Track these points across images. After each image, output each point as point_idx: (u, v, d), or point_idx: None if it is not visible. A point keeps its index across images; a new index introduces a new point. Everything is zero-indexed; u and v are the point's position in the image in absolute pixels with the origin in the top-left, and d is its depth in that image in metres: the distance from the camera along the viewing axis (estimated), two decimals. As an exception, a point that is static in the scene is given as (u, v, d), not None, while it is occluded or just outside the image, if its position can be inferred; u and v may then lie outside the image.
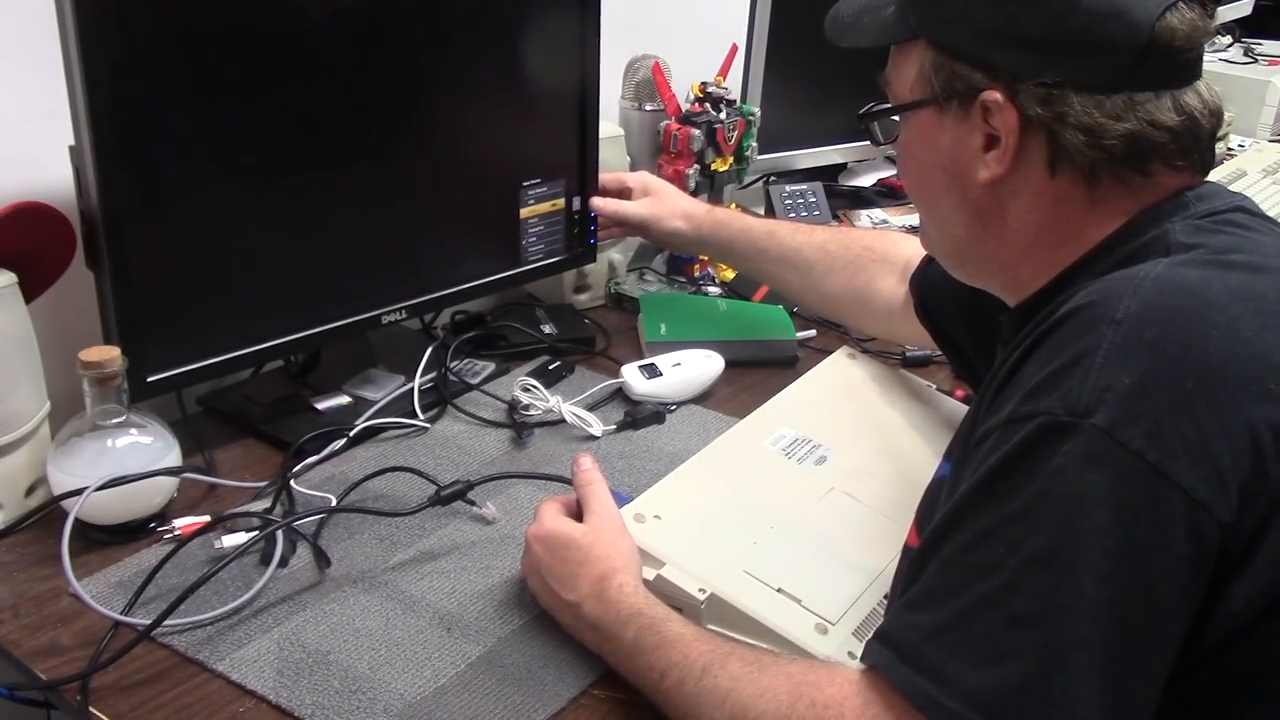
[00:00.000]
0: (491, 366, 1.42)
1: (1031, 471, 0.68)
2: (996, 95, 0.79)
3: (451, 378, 1.38)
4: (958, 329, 1.16)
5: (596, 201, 1.46)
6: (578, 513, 0.99)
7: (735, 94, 1.68)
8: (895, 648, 0.71)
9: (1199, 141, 0.80)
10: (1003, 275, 0.89)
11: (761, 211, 1.82)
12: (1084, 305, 0.72)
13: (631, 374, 1.36)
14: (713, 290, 1.66)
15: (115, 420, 1.06)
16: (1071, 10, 0.76)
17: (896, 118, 0.90)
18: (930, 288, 1.19)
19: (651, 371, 1.36)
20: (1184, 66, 0.79)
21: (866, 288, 1.31)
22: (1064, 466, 0.66)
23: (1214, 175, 0.86)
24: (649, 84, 1.64)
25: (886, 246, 1.31)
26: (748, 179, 1.78)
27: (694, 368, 1.37)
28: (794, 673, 0.76)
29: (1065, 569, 0.65)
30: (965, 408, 1.30)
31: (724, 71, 1.67)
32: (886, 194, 1.93)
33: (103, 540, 1.06)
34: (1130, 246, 0.79)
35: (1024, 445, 0.69)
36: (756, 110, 1.68)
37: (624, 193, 1.49)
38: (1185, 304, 0.70)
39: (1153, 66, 0.77)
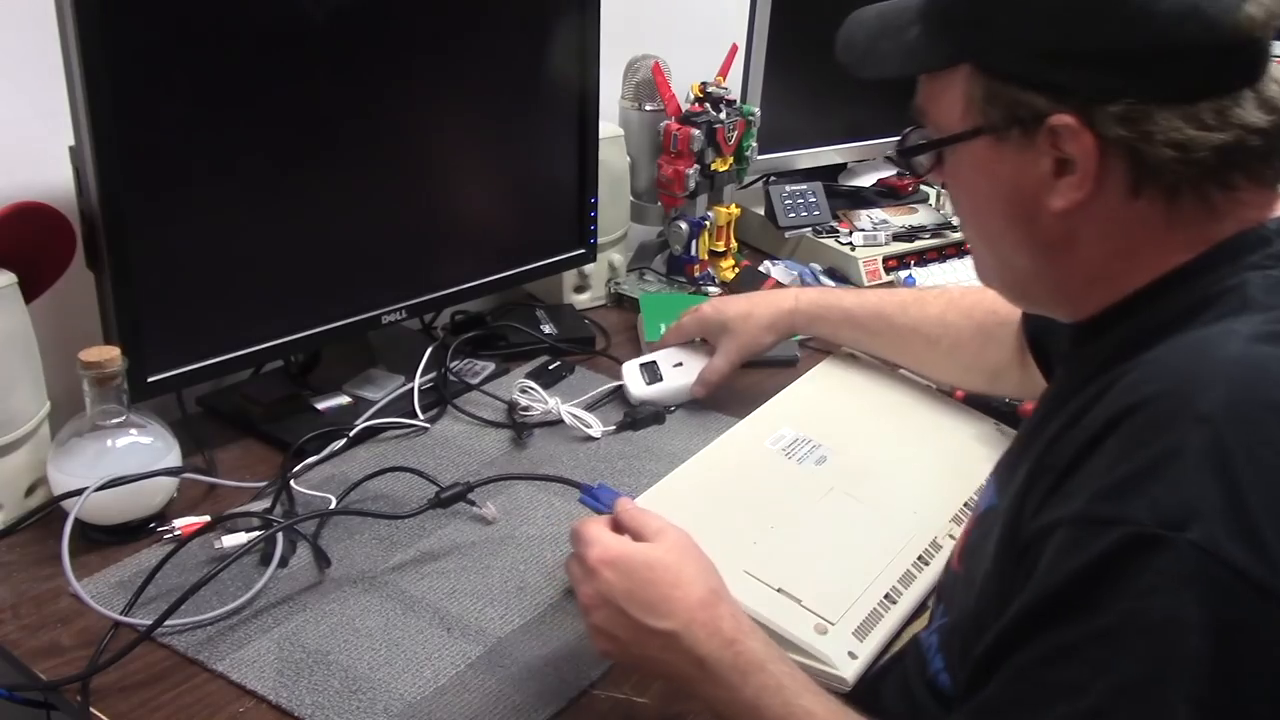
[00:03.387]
0: (491, 366, 1.42)
1: (1119, 588, 0.62)
2: (1067, 119, 0.70)
3: (451, 378, 1.37)
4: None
5: (701, 391, 1.34)
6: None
7: (735, 94, 1.68)
8: None
9: None
10: (1068, 303, 0.81)
11: (761, 211, 1.82)
12: (1161, 394, 0.65)
13: (632, 377, 1.35)
14: (713, 290, 1.66)
15: (115, 420, 1.06)
16: (1141, 17, 0.68)
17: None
18: (1040, 325, 1.09)
19: (652, 374, 1.36)
20: (1261, 56, 0.70)
21: (997, 360, 1.19)
22: (1157, 587, 0.60)
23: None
24: (649, 84, 1.64)
25: (1009, 309, 1.16)
26: (748, 179, 1.78)
27: (695, 368, 1.37)
28: None
29: (1160, 699, 0.60)
30: (966, 407, 1.30)
31: (724, 71, 1.67)
32: (886, 194, 1.93)
33: (103, 540, 1.06)
34: (1202, 289, 0.72)
35: (1108, 558, 0.62)
36: (756, 110, 1.68)
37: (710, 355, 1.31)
38: (1277, 397, 0.63)
39: (1234, 64, 0.69)
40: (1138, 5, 0.68)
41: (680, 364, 1.36)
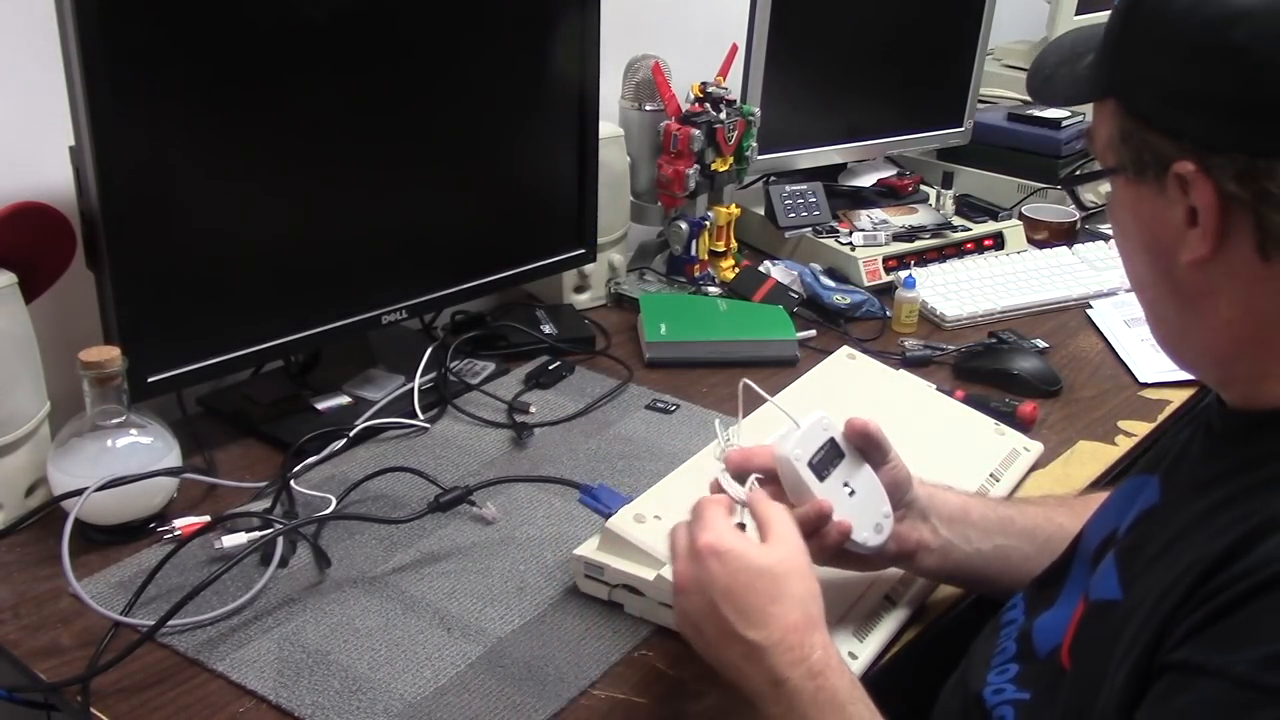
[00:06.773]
0: (491, 366, 1.42)
1: None
2: (1189, 166, 0.67)
3: (451, 378, 1.37)
4: None
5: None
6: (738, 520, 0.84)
7: (735, 94, 1.68)
8: None
9: None
10: (1219, 370, 0.75)
11: (761, 211, 1.82)
12: None
13: (806, 447, 0.90)
14: (713, 290, 1.66)
15: (115, 420, 1.06)
16: (1258, 71, 0.64)
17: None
18: None
19: (827, 460, 0.91)
20: None
21: None
22: None
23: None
24: (649, 84, 1.64)
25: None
26: (748, 179, 1.78)
27: (867, 503, 0.92)
28: None
29: None
30: (966, 407, 1.30)
31: (724, 71, 1.67)
32: (886, 194, 1.92)
33: (103, 540, 1.06)
34: None
35: None
36: (756, 110, 1.68)
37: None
38: None
39: None
40: (1261, 59, 0.65)
41: (852, 491, 0.90)
